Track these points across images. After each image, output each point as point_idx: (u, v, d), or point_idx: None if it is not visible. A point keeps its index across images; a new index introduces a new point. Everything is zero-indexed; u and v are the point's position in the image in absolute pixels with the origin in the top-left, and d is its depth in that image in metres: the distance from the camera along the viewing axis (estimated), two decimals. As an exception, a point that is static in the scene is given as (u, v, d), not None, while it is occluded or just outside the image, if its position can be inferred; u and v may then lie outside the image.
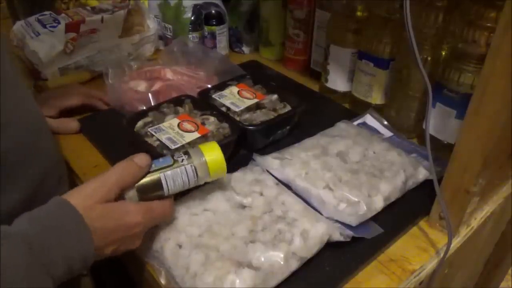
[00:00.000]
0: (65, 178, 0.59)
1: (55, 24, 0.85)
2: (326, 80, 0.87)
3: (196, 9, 0.97)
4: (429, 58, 0.67)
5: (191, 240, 0.50)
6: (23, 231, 0.39)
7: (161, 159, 0.50)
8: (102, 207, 0.44)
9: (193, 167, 0.50)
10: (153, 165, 0.49)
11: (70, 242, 0.41)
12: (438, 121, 0.67)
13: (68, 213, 0.42)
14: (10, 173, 0.46)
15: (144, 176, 0.48)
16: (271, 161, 0.63)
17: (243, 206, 0.55)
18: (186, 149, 0.52)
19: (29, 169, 0.49)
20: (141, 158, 0.48)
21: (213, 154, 0.51)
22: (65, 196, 0.44)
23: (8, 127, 0.46)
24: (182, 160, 0.50)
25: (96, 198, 0.44)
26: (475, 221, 0.61)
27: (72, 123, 0.76)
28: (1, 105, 0.45)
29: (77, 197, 0.43)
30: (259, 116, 0.71)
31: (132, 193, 0.47)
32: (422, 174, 0.63)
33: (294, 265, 0.50)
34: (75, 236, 0.41)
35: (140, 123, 0.69)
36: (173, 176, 0.49)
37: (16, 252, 0.37)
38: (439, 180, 0.54)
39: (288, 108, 0.74)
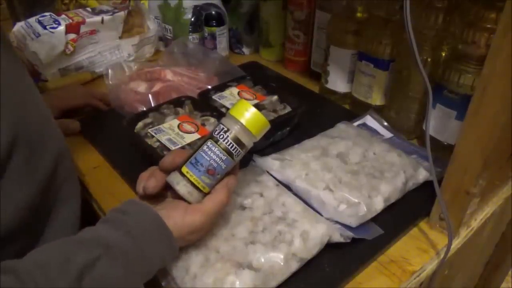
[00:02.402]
0: (74, 171, 0.59)
1: (55, 25, 0.85)
2: (326, 81, 0.87)
3: (196, 10, 0.97)
4: (429, 59, 0.67)
5: (191, 241, 0.50)
6: (118, 244, 0.41)
7: (223, 165, 0.47)
8: (199, 237, 0.49)
9: (238, 146, 0.47)
10: (218, 176, 0.48)
11: (161, 252, 0.44)
12: (438, 122, 0.67)
13: (163, 234, 0.44)
14: (25, 166, 0.46)
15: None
16: (271, 162, 0.63)
17: (243, 207, 0.55)
18: (223, 124, 0.47)
19: (41, 160, 0.49)
20: (233, 183, 0.49)
21: (246, 117, 0.47)
22: (164, 217, 0.44)
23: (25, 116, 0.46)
24: (238, 151, 0.47)
25: (196, 237, 0.48)
26: (475, 222, 0.61)
27: (73, 124, 0.76)
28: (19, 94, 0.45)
29: (179, 229, 0.45)
30: (259, 117, 0.71)
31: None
32: (422, 175, 0.63)
33: (294, 266, 0.50)
34: (167, 250, 0.45)
35: (140, 124, 0.69)
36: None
37: (114, 265, 0.39)
38: (439, 181, 0.54)
39: (288, 109, 0.74)
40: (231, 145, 0.47)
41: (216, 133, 0.47)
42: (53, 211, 0.53)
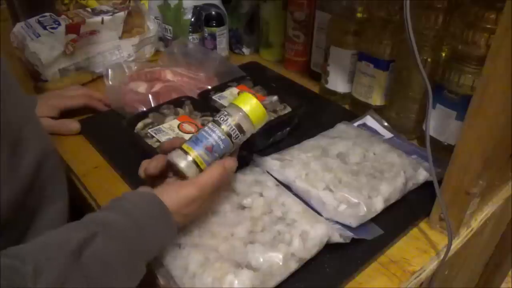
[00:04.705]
0: (61, 169, 0.60)
1: (55, 26, 0.85)
2: (326, 82, 0.87)
3: (196, 10, 0.97)
4: (429, 60, 0.67)
5: (191, 240, 0.50)
6: (116, 222, 0.42)
7: (221, 145, 0.50)
8: (195, 214, 0.49)
9: (238, 131, 0.50)
10: (216, 155, 0.50)
11: (160, 230, 0.45)
12: (438, 123, 0.67)
13: (159, 210, 0.45)
14: (10, 162, 0.47)
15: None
16: (271, 162, 0.63)
17: (243, 207, 0.55)
18: (226, 110, 0.51)
19: (23, 159, 0.49)
20: (231, 164, 0.50)
21: (249, 105, 0.51)
22: (159, 193, 0.46)
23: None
24: (237, 134, 0.50)
25: (192, 209, 0.48)
26: (475, 223, 0.61)
27: (73, 124, 0.76)
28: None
29: (173, 203, 0.46)
30: (259, 117, 0.71)
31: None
32: (422, 175, 0.63)
33: (293, 266, 0.50)
34: (163, 224, 0.45)
35: (140, 124, 0.69)
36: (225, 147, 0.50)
37: (112, 241, 0.40)
38: (439, 182, 0.54)
39: (288, 109, 0.74)
40: (232, 128, 0.50)
41: (218, 117, 0.50)
42: (39, 211, 0.53)
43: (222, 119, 0.50)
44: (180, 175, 0.49)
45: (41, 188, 0.53)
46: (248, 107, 0.50)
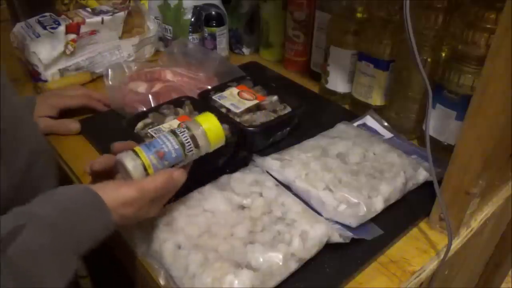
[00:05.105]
0: (54, 168, 0.60)
1: (55, 26, 0.85)
2: (326, 82, 0.87)
3: (196, 10, 0.97)
4: (429, 60, 0.67)
5: (190, 241, 0.50)
6: (46, 213, 0.40)
7: (173, 154, 0.49)
8: (133, 216, 0.47)
9: (195, 146, 0.51)
10: (166, 163, 0.49)
11: (95, 226, 0.43)
12: (438, 123, 0.67)
13: (92, 201, 0.43)
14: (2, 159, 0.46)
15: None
16: (271, 162, 0.63)
17: (243, 207, 0.55)
18: (186, 124, 0.52)
19: (14, 156, 0.49)
20: (179, 175, 0.49)
21: (209, 123, 0.52)
22: (97, 188, 0.44)
23: None
24: (191, 148, 0.51)
25: (131, 210, 0.46)
26: (475, 223, 0.61)
27: (73, 124, 0.76)
28: None
29: (111, 200, 0.44)
30: (259, 118, 0.71)
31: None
32: (422, 175, 0.63)
33: (293, 266, 0.50)
34: (97, 215, 0.43)
35: (140, 125, 0.68)
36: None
37: (40, 233, 0.38)
38: (439, 181, 0.54)
39: (288, 109, 0.74)
40: (187, 140, 0.50)
41: (177, 129, 0.51)
42: None
43: (180, 130, 0.50)
44: (127, 176, 0.48)
45: (33, 186, 0.52)
46: (208, 125, 0.51)
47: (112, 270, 0.75)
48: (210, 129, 0.51)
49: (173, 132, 0.50)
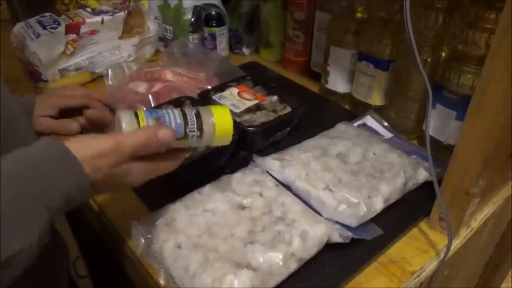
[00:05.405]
0: None
1: (55, 26, 0.85)
2: (326, 82, 0.87)
3: (196, 10, 0.97)
4: (429, 60, 0.67)
5: (190, 241, 0.50)
6: (8, 167, 0.37)
7: (174, 127, 0.47)
8: (109, 171, 0.42)
9: (199, 131, 0.48)
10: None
11: (62, 175, 0.39)
12: (438, 122, 0.67)
13: (57, 151, 0.40)
14: None
15: None
16: (271, 162, 0.63)
17: (243, 207, 0.55)
18: (198, 110, 0.49)
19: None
20: (165, 135, 0.45)
21: (222, 115, 0.49)
22: (67, 143, 0.40)
23: None
24: (193, 128, 0.48)
25: (106, 163, 0.42)
26: (475, 223, 0.61)
27: (73, 124, 0.76)
28: None
29: (82, 151, 0.40)
30: (259, 118, 0.71)
31: None
32: (422, 175, 0.63)
33: (293, 266, 0.50)
34: (63, 166, 0.39)
35: (140, 124, 0.68)
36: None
37: (4, 187, 0.35)
38: (439, 181, 0.54)
39: (288, 109, 0.74)
40: (191, 119, 0.48)
41: (186, 109, 0.49)
42: None
43: (188, 110, 0.48)
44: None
45: None
46: (220, 116, 0.49)
47: (112, 270, 0.75)
48: (220, 120, 0.49)
49: (181, 109, 0.49)
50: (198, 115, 0.49)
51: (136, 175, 0.45)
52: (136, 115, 0.46)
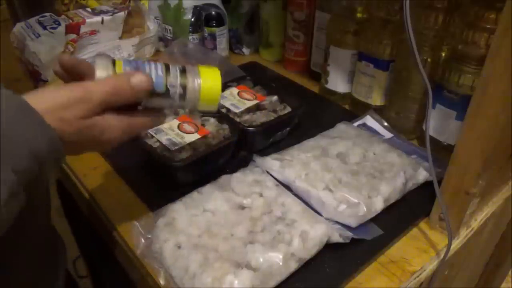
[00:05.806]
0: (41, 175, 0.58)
1: (55, 26, 0.85)
2: (326, 82, 0.87)
3: (196, 10, 0.97)
4: (429, 60, 0.67)
5: (190, 241, 0.50)
6: None
7: (153, 77, 0.43)
8: (80, 123, 0.38)
9: (182, 88, 0.44)
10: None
11: (22, 130, 0.34)
12: (438, 123, 0.67)
13: (16, 104, 0.35)
14: None
15: None
16: (271, 162, 0.63)
17: (243, 207, 0.55)
18: (184, 68, 0.45)
19: None
20: (140, 81, 0.41)
21: (210, 80, 0.45)
22: (28, 97, 0.36)
23: None
24: (175, 83, 0.44)
25: (74, 113, 0.38)
26: (475, 223, 0.61)
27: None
28: None
29: (45, 102, 0.37)
30: (259, 118, 0.71)
31: None
32: (422, 175, 0.63)
33: (293, 266, 0.50)
34: (22, 119, 0.35)
35: (140, 124, 0.68)
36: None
37: None
38: (439, 181, 0.54)
39: (288, 109, 0.74)
40: (175, 75, 0.44)
41: (171, 65, 0.44)
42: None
43: (173, 67, 0.44)
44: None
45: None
46: (207, 74, 0.44)
47: (112, 270, 0.75)
48: (206, 79, 0.44)
49: (165, 63, 0.44)
50: (183, 72, 0.44)
51: (112, 131, 0.41)
52: (113, 62, 0.42)
